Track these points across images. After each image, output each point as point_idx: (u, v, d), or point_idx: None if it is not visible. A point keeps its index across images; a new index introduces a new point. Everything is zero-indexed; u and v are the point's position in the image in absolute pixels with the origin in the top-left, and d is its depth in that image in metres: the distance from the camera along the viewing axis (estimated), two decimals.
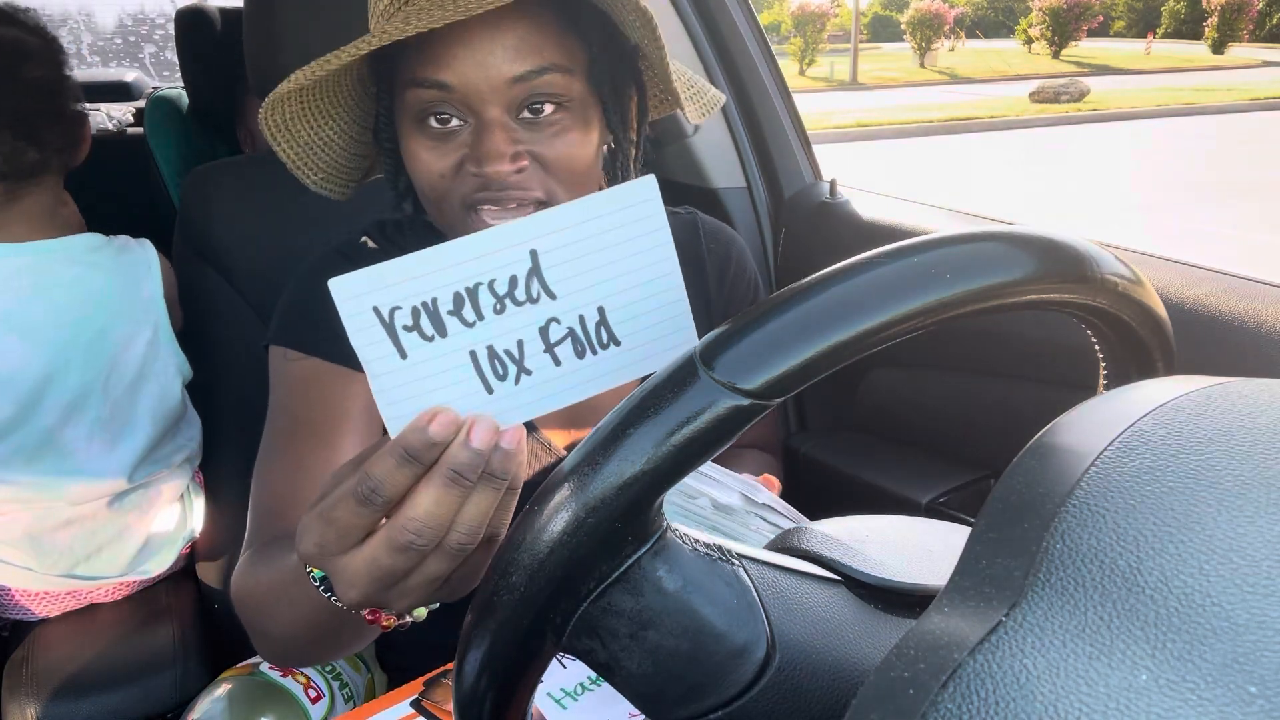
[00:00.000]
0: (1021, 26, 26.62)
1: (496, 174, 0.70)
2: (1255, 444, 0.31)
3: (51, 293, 1.06)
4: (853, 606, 0.43)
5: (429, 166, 0.73)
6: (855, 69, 21.41)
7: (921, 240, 0.38)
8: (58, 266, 1.07)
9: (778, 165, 1.43)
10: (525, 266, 0.44)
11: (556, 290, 0.45)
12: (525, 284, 0.44)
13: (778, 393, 0.36)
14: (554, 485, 0.37)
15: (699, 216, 1.01)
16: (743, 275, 1.01)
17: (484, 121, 0.70)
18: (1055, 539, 0.29)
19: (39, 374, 1.06)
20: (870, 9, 41.53)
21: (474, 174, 0.71)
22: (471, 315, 0.44)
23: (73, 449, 1.09)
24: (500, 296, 0.44)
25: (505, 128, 0.70)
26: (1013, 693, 0.25)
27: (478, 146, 0.70)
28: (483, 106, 0.70)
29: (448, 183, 0.73)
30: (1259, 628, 0.25)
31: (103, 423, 1.11)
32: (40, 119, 1.05)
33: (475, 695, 0.39)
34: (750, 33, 1.40)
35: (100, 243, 1.12)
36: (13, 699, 1.01)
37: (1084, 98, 15.62)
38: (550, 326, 0.45)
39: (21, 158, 1.03)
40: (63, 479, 1.09)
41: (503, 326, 0.45)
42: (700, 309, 0.97)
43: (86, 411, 1.10)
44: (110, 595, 1.17)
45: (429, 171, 0.73)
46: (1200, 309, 0.90)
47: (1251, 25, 26.59)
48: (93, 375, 1.09)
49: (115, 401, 1.12)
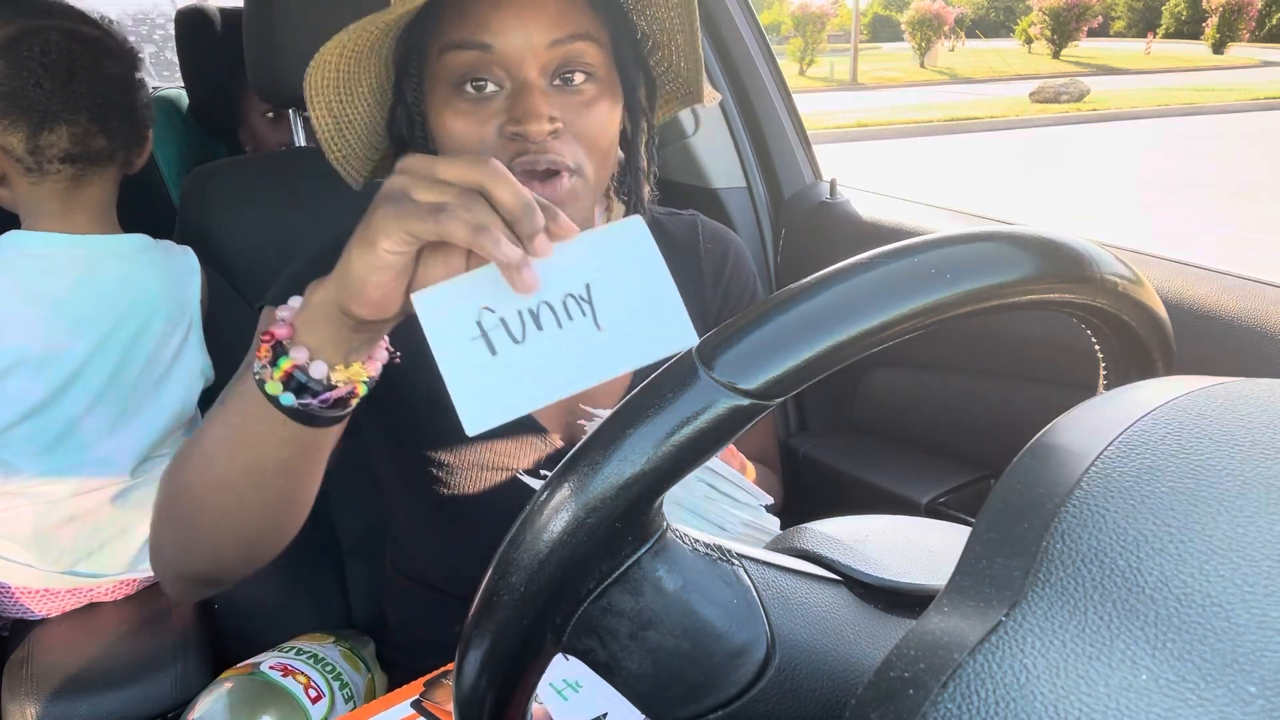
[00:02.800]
0: (1021, 26, 26.63)
1: (538, 132, 0.70)
2: (1255, 444, 0.31)
3: (101, 285, 1.11)
4: (853, 606, 0.43)
5: (466, 134, 0.73)
6: (855, 69, 21.41)
7: (922, 240, 0.38)
8: (110, 261, 1.12)
9: (778, 165, 1.43)
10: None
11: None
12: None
13: (778, 393, 0.36)
14: (554, 485, 0.37)
15: (700, 218, 1.02)
16: (739, 276, 1.01)
17: (523, 83, 0.71)
18: (1055, 539, 0.29)
19: (76, 362, 1.09)
20: (870, 9, 41.53)
21: (513, 135, 0.71)
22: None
23: (90, 440, 1.11)
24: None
25: (543, 91, 0.71)
26: (1013, 693, 0.25)
27: (516, 107, 0.71)
28: (522, 69, 0.71)
29: (488, 151, 0.73)
30: (1259, 628, 0.25)
31: (123, 417, 1.13)
32: (114, 110, 1.11)
33: (475, 695, 0.39)
34: (750, 33, 1.40)
35: (149, 244, 1.17)
36: (13, 699, 1.01)
37: (1084, 98, 15.62)
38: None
39: (92, 142, 1.09)
40: (73, 470, 1.11)
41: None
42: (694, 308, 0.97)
43: (110, 404, 1.12)
44: (111, 594, 1.18)
45: (467, 139, 0.73)
46: (1200, 309, 0.90)
47: (1251, 25, 26.59)
48: (125, 370, 1.12)
49: (140, 397, 1.14)
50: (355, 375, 0.60)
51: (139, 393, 1.14)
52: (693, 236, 1.00)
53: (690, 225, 1.01)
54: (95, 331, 1.10)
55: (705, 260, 0.99)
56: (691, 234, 1.00)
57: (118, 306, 1.12)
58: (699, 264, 0.99)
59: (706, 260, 0.99)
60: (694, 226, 1.01)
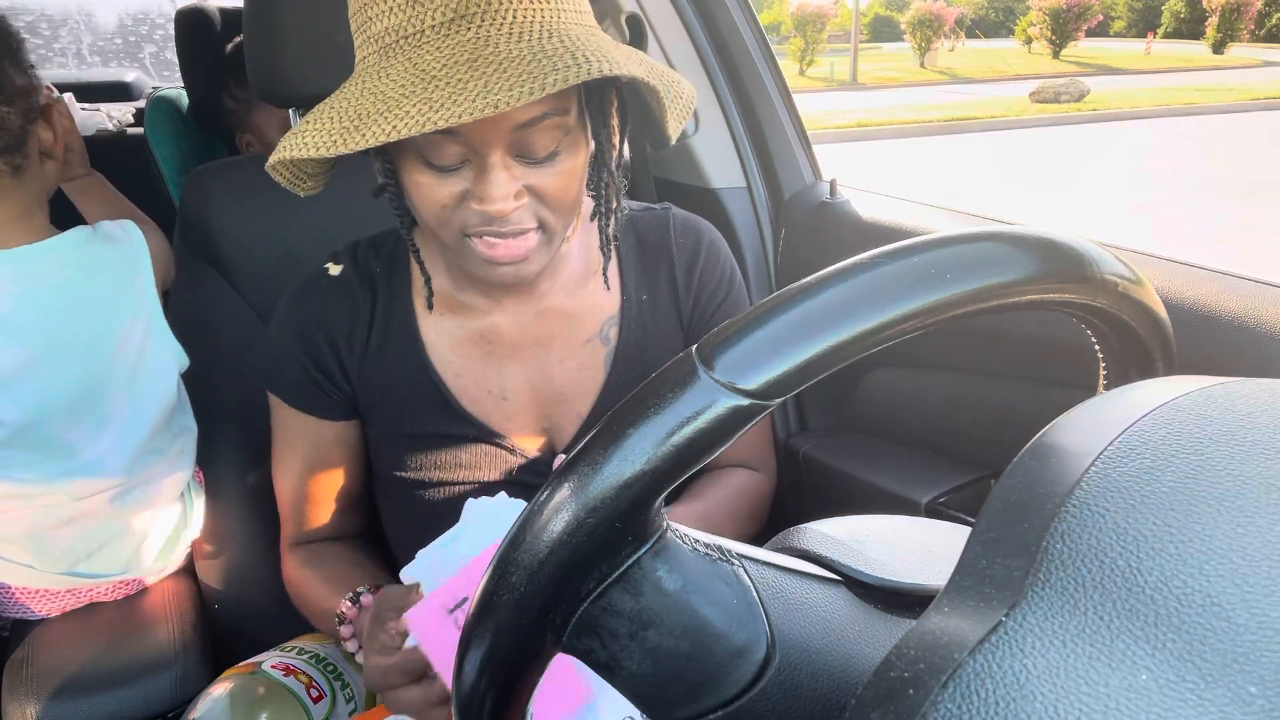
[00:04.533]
0: (1021, 26, 26.62)
1: (500, 212, 0.73)
2: (1255, 444, 0.31)
3: (43, 296, 1.05)
4: (853, 606, 0.43)
5: (431, 197, 0.75)
6: (855, 69, 21.40)
7: (922, 240, 0.38)
8: (46, 269, 1.06)
9: (777, 165, 1.43)
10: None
11: None
12: None
13: (778, 393, 0.36)
14: (553, 485, 0.37)
15: (672, 211, 1.01)
16: (714, 266, 0.99)
17: (487, 164, 0.72)
18: (1055, 539, 0.29)
19: (42, 379, 1.05)
20: (870, 9, 41.53)
21: (476, 210, 0.74)
22: None
23: (78, 449, 1.09)
24: None
25: (507, 167, 0.72)
26: (1013, 693, 0.25)
27: (480, 186, 0.72)
28: (486, 150, 0.72)
29: (449, 213, 0.75)
30: (1259, 628, 0.25)
31: (106, 420, 1.10)
32: None
33: (475, 695, 0.39)
34: (750, 33, 1.40)
35: (85, 237, 1.10)
36: (13, 699, 1.01)
37: (1084, 98, 15.62)
38: None
39: None
40: (66, 477, 1.09)
41: None
42: (669, 303, 0.97)
43: (90, 411, 1.09)
44: (111, 594, 1.17)
45: (431, 201, 0.75)
46: (1200, 309, 0.90)
47: (1251, 25, 26.58)
48: (95, 375, 1.09)
49: (116, 398, 1.11)
50: None
51: (113, 395, 1.10)
52: (664, 232, 0.99)
53: (662, 220, 1.00)
54: (49, 346, 1.05)
55: (679, 255, 0.98)
56: (663, 229, 0.99)
57: (68, 315, 1.06)
58: (671, 259, 0.98)
59: (680, 255, 0.98)
60: (665, 221, 1.00)
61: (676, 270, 0.98)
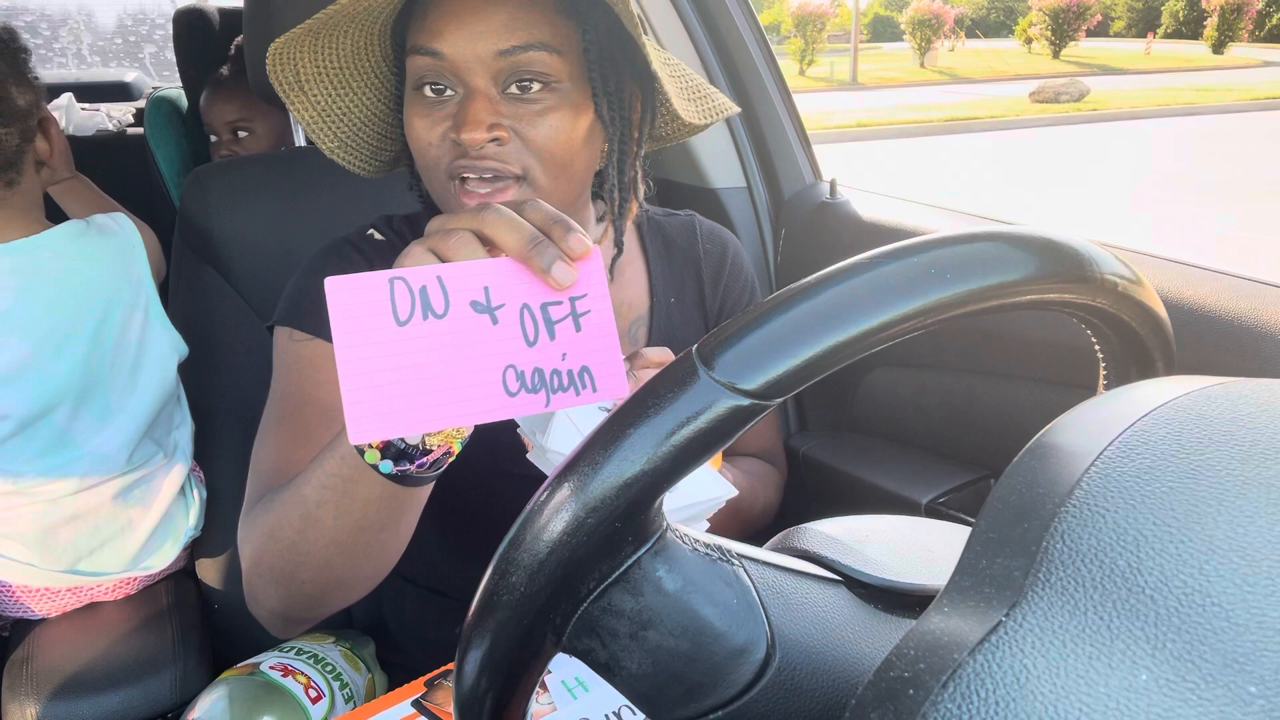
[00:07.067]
0: (1021, 26, 26.62)
1: (471, 140, 0.72)
2: (1255, 444, 0.31)
3: (44, 290, 1.07)
4: (853, 606, 0.43)
5: (420, 134, 0.75)
6: (855, 69, 21.40)
7: (922, 240, 0.38)
8: (46, 261, 1.08)
9: (777, 165, 1.43)
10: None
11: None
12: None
13: (778, 393, 0.36)
14: (553, 485, 0.37)
15: (697, 219, 1.02)
16: (738, 277, 1.01)
17: (470, 91, 0.73)
18: (1055, 539, 0.29)
19: (46, 371, 1.07)
20: (870, 9, 41.51)
21: (454, 141, 0.73)
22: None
23: (82, 439, 1.10)
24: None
25: (489, 99, 0.72)
26: (1013, 693, 0.25)
27: (459, 114, 0.73)
28: (470, 76, 0.72)
29: (435, 151, 0.75)
30: (1259, 628, 0.25)
31: (109, 411, 1.12)
32: None
33: (475, 695, 0.39)
34: (750, 33, 1.40)
35: (79, 230, 1.11)
36: (13, 699, 1.01)
37: (1084, 98, 15.62)
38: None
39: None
40: (70, 468, 1.10)
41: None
42: (695, 308, 0.98)
43: (94, 402, 1.10)
44: (112, 593, 1.17)
45: (420, 139, 0.75)
46: (1200, 309, 0.90)
47: (1251, 25, 26.58)
48: (98, 366, 1.10)
49: (119, 389, 1.12)
50: (449, 437, 0.62)
51: (116, 386, 1.12)
52: (691, 237, 1.00)
53: (688, 226, 1.01)
54: (51, 339, 1.06)
55: (705, 261, 0.99)
56: (690, 235, 1.00)
57: (68, 306, 1.07)
58: (698, 265, 0.99)
59: (706, 261, 0.99)
60: (692, 227, 1.01)
61: (704, 276, 0.99)
